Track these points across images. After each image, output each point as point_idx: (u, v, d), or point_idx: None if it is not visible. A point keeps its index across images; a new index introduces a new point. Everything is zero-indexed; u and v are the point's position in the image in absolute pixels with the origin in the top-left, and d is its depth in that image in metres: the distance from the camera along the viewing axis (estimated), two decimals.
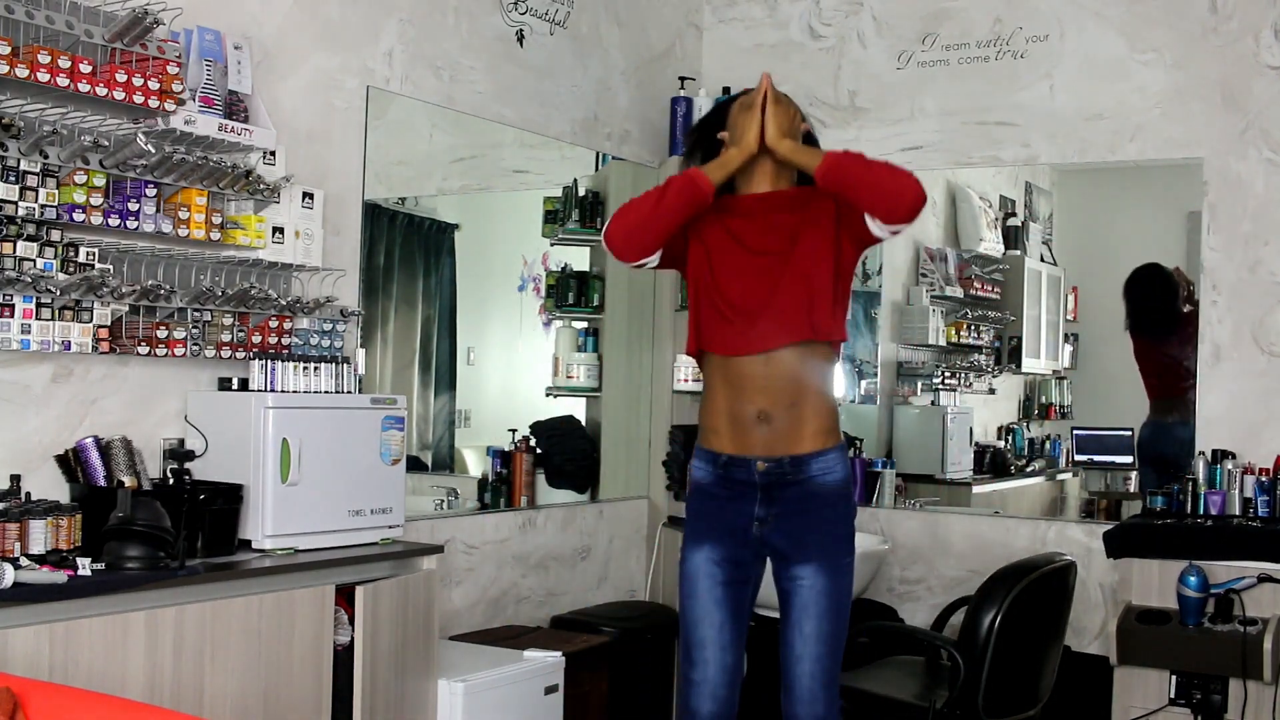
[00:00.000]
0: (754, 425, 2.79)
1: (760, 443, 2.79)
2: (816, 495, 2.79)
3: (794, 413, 2.78)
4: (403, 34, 4.15)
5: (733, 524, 2.80)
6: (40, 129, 2.97)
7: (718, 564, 2.80)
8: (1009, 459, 5.62)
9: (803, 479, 2.78)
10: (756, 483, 2.79)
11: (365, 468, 3.47)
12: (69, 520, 2.94)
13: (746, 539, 2.80)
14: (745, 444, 2.80)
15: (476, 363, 5.27)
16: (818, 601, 2.78)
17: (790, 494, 2.79)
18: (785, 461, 2.78)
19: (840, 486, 2.82)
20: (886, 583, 4.98)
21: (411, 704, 3.49)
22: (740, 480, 2.80)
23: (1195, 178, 4.57)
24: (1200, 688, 3.98)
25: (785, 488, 2.78)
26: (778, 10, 5.40)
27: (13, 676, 2.32)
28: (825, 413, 2.83)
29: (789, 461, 2.78)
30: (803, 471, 2.79)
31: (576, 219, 5.06)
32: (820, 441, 2.81)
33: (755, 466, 2.79)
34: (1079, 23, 4.82)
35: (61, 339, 3.05)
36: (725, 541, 2.81)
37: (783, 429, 2.78)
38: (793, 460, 2.78)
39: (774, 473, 2.78)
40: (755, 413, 2.78)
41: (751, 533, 2.79)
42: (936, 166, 5.17)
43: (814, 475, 2.79)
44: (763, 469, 2.78)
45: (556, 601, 4.78)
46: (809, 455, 2.79)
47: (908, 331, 5.62)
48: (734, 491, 2.81)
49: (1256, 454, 4.36)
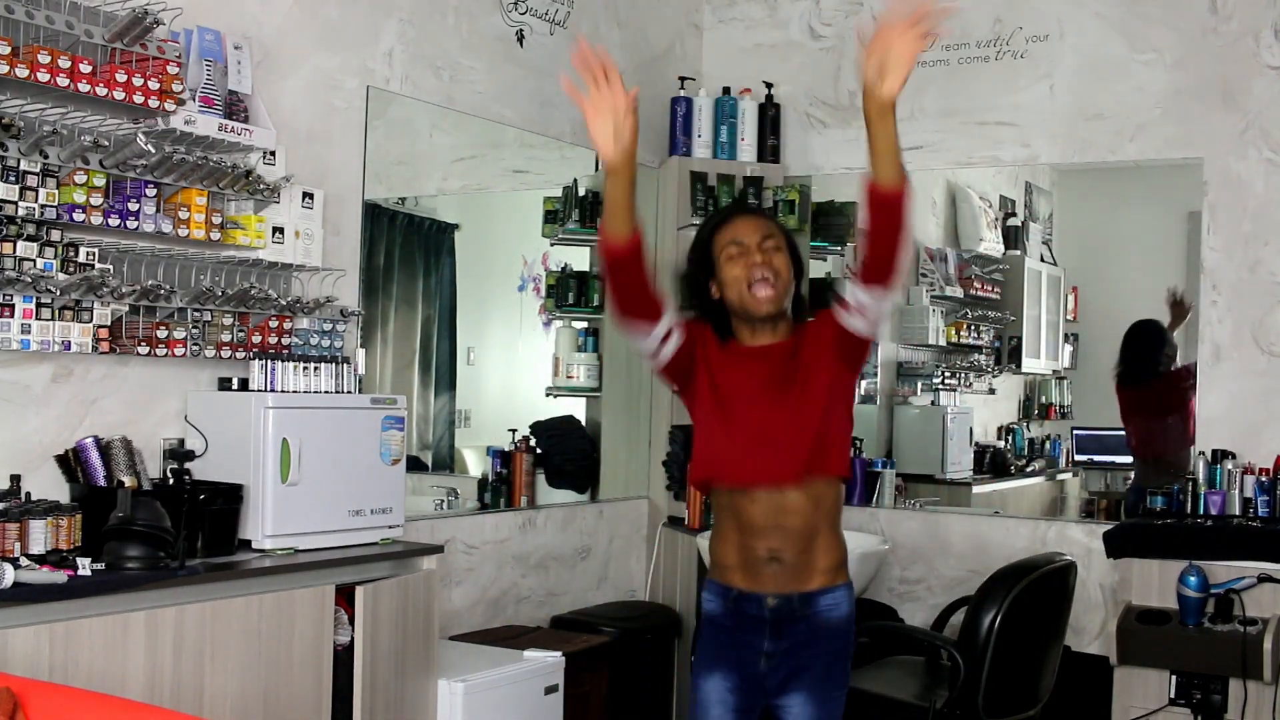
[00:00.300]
0: (765, 564, 2.82)
1: (771, 580, 2.82)
2: (821, 629, 2.83)
3: (805, 555, 2.81)
4: (403, 34, 4.15)
5: (741, 656, 2.86)
6: (40, 129, 2.97)
7: (730, 691, 2.85)
8: (1009, 459, 5.62)
9: (810, 614, 2.83)
10: (766, 618, 2.83)
11: (365, 468, 3.47)
12: (69, 520, 2.94)
13: (754, 671, 2.85)
14: (756, 581, 2.83)
15: (476, 363, 5.27)
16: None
17: (798, 629, 2.83)
18: (795, 598, 2.82)
19: (844, 622, 2.86)
20: (886, 583, 4.98)
21: (411, 704, 3.49)
22: (750, 614, 2.84)
23: (1195, 178, 4.58)
24: (1200, 688, 3.98)
25: (794, 623, 2.83)
26: (778, 10, 5.40)
27: (13, 676, 2.32)
28: (835, 550, 2.86)
29: (798, 598, 2.82)
30: (810, 607, 2.83)
31: (576, 219, 5.05)
32: (829, 579, 2.84)
33: (765, 602, 2.82)
34: (1079, 23, 4.82)
35: (61, 339, 3.05)
36: (736, 671, 2.86)
37: (793, 567, 2.81)
38: (801, 597, 2.82)
39: (783, 609, 2.82)
40: (766, 552, 2.81)
41: (759, 666, 2.84)
42: (936, 166, 5.18)
43: (820, 611, 2.83)
44: (772, 605, 2.82)
45: (556, 601, 4.78)
46: (817, 592, 2.83)
47: (908, 331, 5.62)
48: (743, 624, 2.86)
49: (1256, 454, 4.36)
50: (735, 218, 2.88)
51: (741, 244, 2.81)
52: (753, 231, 2.82)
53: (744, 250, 2.80)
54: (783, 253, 2.81)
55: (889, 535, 4.95)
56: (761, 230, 2.82)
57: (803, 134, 5.32)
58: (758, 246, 2.79)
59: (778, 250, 2.80)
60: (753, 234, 2.81)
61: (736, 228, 2.84)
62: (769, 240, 2.81)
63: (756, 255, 2.79)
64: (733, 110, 5.18)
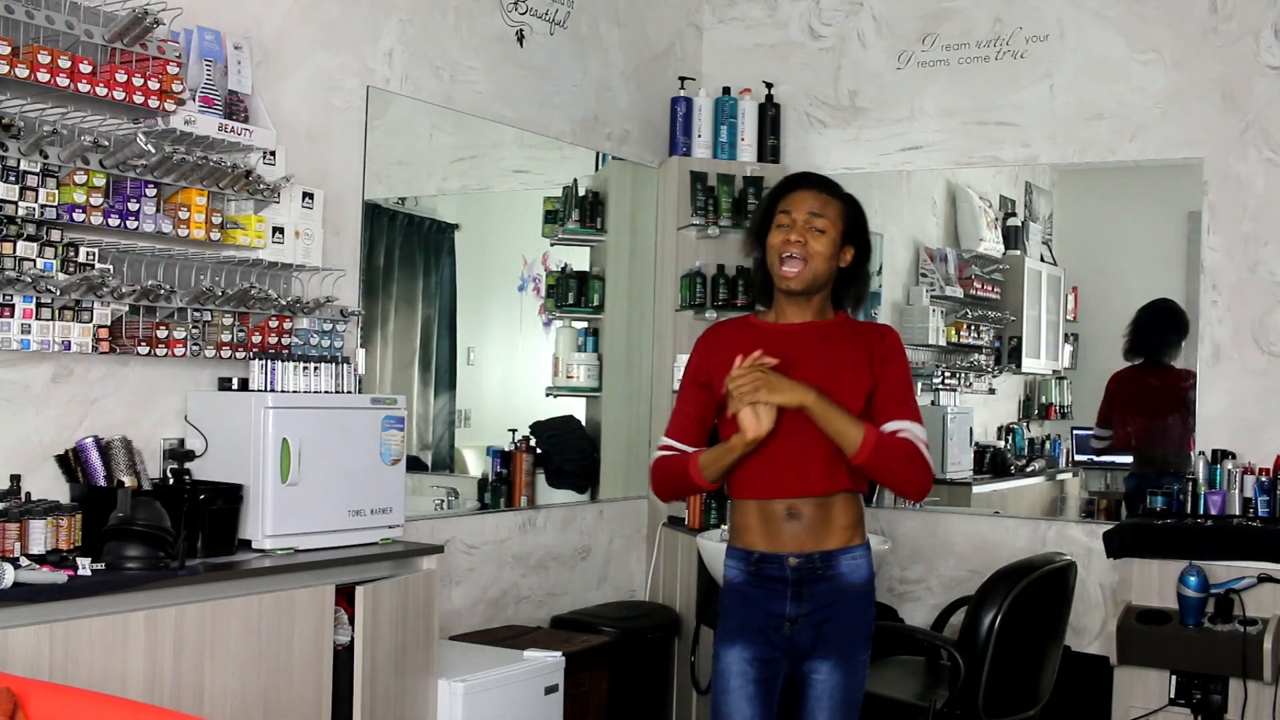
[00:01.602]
0: (784, 521, 2.82)
1: (791, 539, 2.82)
2: (844, 591, 2.84)
3: (823, 510, 2.82)
4: (403, 34, 4.15)
5: (763, 623, 2.85)
6: (40, 129, 2.97)
7: (750, 663, 2.86)
8: (1009, 459, 5.62)
9: (832, 575, 2.83)
10: (789, 579, 2.83)
11: (365, 468, 3.47)
12: (69, 520, 2.94)
13: (776, 638, 2.85)
14: (776, 541, 2.83)
15: (476, 363, 5.26)
16: (831, 696, 2.84)
17: (820, 589, 2.83)
18: (816, 557, 2.82)
19: (865, 584, 2.88)
20: (886, 583, 4.98)
21: (411, 704, 3.49)
22: (772, 576, 2.84)
23: (1195, 178, 4.58)
24: (1200, 688, 3.98)
25: (815, 583, 2.83)
26: (778, 10, 5.40)
27: (13, 676, 2.32)
28: (853, 509, 2.88)
29: (819, 557, 2.82)
30: (832, 567, 2.83)
31: (576, 219, 5.06)
32: (849, 537, 2.85)
33: (787, 562, 2.82)
34: (1079, 23, 4.82)
35: (61, 339, 3.05)
36: (757, 640, 2.86)
37: (812, 524, 2.82)
38: (823, 556, 2.82)
39: (804, 568, 2.82)
40: (785, 508, 2.81)
41: (782, 632, 2.84)
42: (936, 166, 5.18)
43: (843, 572, 2.84)
44: (794, 564, 2.82)
45: (556, 601, 4.78)
46: (838, 551, 2.84)
47: (908, 331, 5.61)
48: (766, 589, 2.85)
49: (1256, 454, 4.36)
50: (797, 188, 2.90)
51: (790, 215, 2.84)
52: (805, 206, 2.84)
53: (790, 222, 2.83)
54: (828, 235, 2.82)
55: (889, 535, 4.95)
56: (814, 206, 2.83)
57: (803, 134, 5.32)
58: (804, 222, 2.82)
59: (822, 232, 2.82)
60: (803, 208, 2.83)
61: (793, 198, 2.87)
62: (819, 219, 2.82)
63: (793, 233, 2.81)
64: (733, 110, 5.18)
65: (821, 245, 2.81)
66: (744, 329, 2.92)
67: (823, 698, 2.83)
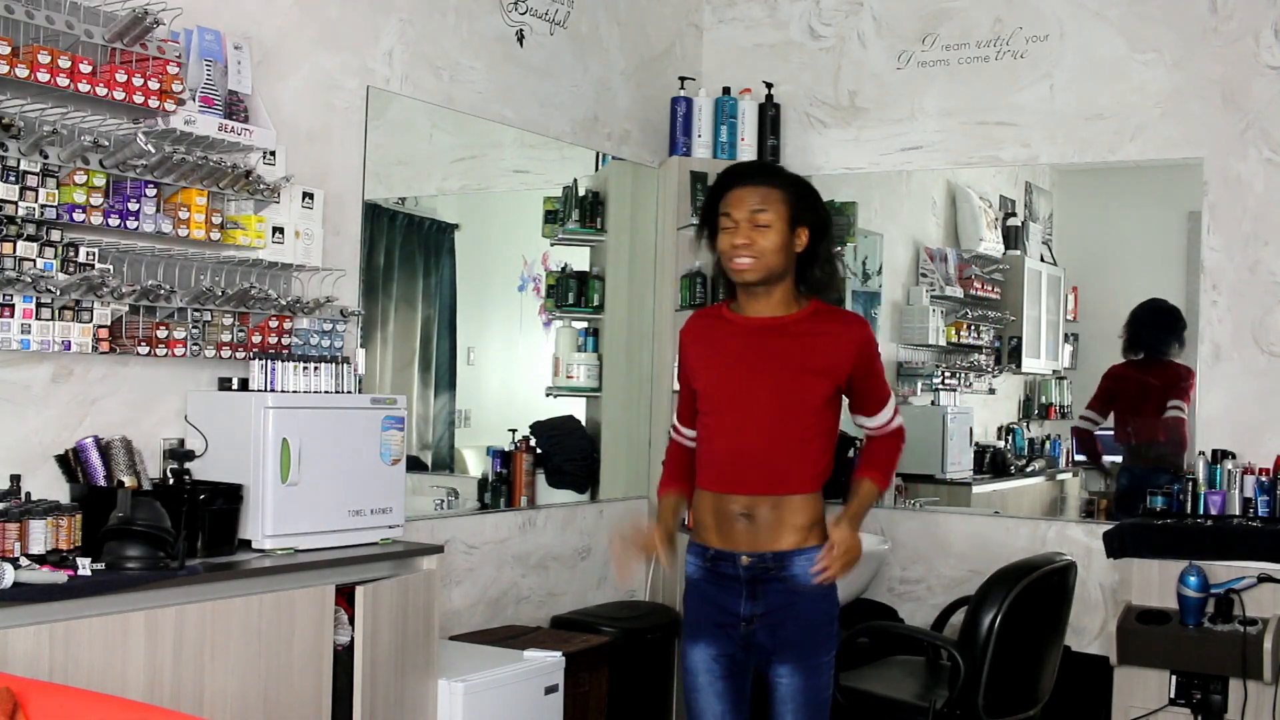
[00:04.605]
0: (737, 519, 2.83)
1: (744, 538, 2.82)
2: (799, 593, 2.82)
3: (778, 510, 2.81)
4: (403, 34, 4.15)
5: (721, 619, 2.86)
6: (40, 129, 2.97)
7: (715, 659, 2.87)
8: (1009, 459, 5.62)
9: (785, 576, 2.82)
10: (741, 577, 2.82)
11: (365, 468, 3.47)
12: (69, 520, 2.94)
13: (735, 635, 2.86)
14: (730, 539, 2.84)
15: (476, 363, 5.26)
16: (795, 698, 2.84)
17: (773, 590, 2.82)
18: (768, 557, 2.82)
19: (823, 586, 2.85)
20: (886, 583, 4.98)
21: (411, 704, 3.49)
22: (727, 575, 2.85)
23: (1195, 178, 4.57)
24: (1200, 688, 3.98)
25: (769, 584, 2.82)
26: (778, 10, 5.40)
27: (13, 676, 2.32)
28: (810, 510, 2.85)
29: (772, 557, 2.82)
30: (785, 568, 2.82)
31: (576, 219, 5.06)
32: (803, 538, 2.83)
33: (740, 561, 2.82)
34: (1079, 23, 4.82)
35: (61, 339, 3.05)
36: (719, 637, 2.87)
37: (766, 524, 2.82)
38: (775, 556, 2.82)
39: (757, 568, 2.82)
40: (739, 506, 2.82)
41: (739, 630, 2.85)
42: (936, 166, 5.18)
43: (796, 574, 2.82)
44: (746, 564, 2.82)
45: (556, 601, 4.78)
46: (792, 551, 2.82)
47: (908, 331, 5.62)
48: (722, 586, 2.86)
49: (1256, 454, 4.36)
50: (733, 186, 2.86)
51: (730, 216, 2.83)
52: (744, 204, 2.81)
53: (733, 224, 2.82)
54: (773, 228, 2.80)
55: (889, 535, 4.95)
56: (754, 202, 2.81)
57: (803, 134, 5.32)
58: (747, 220, 2.80)
59: (767, 226, 2.80)
60: (743, 207, 2.81)
61: (731, 198, 2.85)
62: (762, 214, 2.80)
63: (738, 236, 2.80)
64: (733, 110, 5.18)
65: (768, 239, 2.79)
66: (715, 323, 2.95)
67: (787, 700, 2.83)
